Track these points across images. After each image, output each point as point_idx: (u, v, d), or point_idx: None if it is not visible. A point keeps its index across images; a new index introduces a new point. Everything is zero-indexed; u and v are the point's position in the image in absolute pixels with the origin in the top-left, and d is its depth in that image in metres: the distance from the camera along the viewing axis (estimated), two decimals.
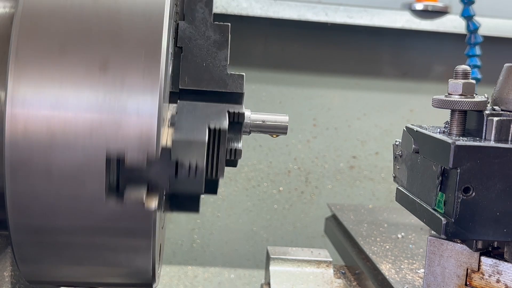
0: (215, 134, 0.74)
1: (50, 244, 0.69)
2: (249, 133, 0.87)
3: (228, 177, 2.36)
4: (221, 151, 0.75)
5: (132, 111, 0.64)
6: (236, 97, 0.80)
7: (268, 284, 1.19)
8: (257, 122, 0.88)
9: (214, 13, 0.80)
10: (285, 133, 0.90)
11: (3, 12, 0.72)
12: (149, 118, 0.64)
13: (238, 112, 0.79)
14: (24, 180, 0.64)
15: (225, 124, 0.75)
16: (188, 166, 0.69)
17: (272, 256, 1.22)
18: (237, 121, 0.79)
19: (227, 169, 0.88)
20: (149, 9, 0.67)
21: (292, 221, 2.43)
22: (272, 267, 1.21)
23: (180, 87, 0.78)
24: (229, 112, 0.78)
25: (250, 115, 0.87)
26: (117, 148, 0.64)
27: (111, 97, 0.64)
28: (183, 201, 0.77)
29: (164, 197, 0.73)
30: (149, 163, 0.65)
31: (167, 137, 0.70)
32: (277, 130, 0.89)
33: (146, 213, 0.66)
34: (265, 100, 2.35)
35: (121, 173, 0.66)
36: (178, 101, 0.77)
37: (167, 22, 0.67)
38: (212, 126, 0.74)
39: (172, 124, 0.74)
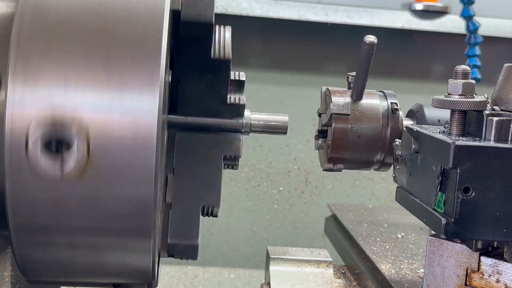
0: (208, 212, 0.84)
1: (50, 244, 0.69)
2: (249, 133, 0.87)
3: (228, 177, 2.36)
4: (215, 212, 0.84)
5: (132, 111, 0.64)
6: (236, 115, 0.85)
7: (268, 284, 1.19)
8: (257, 122, 0.88)
9: (214, 13, 0.80)
10: (285, 133, 0.90)
11: (3, 12, 0.72)
12: (149, 119, 0.64)
13: (235, 156, 0.85)
14: (24, 180, 0.64)
15: (218, 204, 0.83)
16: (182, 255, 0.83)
17: (272, 256, 1.22)
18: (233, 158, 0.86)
19: (227, 169, 0.89)
20: (149, 9, 0.67)
21: (292, 221, 2.43)
22: (272, 267, 1.21)
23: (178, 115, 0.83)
24: (225, 157, 0.84)
25: (250, 115, 0.87)
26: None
27: (111, 97, 0.64)
28: (181, 250, 0.84)
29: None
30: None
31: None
32: (277, 130, 0.89)
33: (146, 213, 0.66)
34: (265, 100, 2.35)
35: None
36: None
37: (167, 22, 0.67)
38: (205, 209, 0.83)
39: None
